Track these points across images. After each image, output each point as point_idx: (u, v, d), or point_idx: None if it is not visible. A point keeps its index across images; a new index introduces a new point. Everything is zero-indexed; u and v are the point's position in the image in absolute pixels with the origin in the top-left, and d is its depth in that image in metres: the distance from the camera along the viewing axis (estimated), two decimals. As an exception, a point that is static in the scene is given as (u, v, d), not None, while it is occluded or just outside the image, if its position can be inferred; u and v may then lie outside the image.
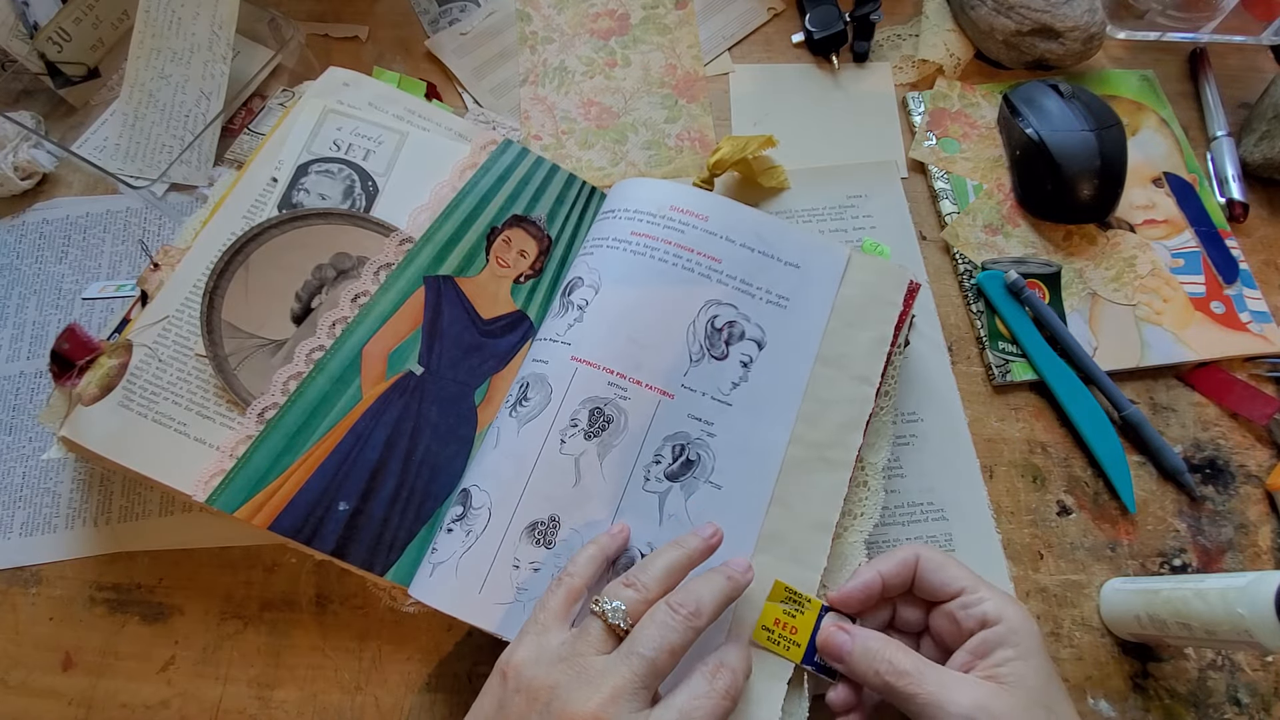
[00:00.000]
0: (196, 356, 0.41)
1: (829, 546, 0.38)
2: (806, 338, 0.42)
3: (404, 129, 0.49)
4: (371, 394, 0.42)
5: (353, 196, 0.46)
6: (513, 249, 0.46)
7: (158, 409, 0.40)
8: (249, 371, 0.41)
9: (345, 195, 0.46)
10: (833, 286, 0.43)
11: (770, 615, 0.36)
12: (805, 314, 0.43)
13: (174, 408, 0.40)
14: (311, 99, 0.49)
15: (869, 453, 0.42)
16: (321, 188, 0.46)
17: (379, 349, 0.43)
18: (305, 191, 0.46)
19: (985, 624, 0.33)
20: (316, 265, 0.44)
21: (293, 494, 0.39)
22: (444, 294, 0.44)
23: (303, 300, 0.43)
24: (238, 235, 0.43)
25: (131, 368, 0.41)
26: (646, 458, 0.39)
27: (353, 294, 0.43)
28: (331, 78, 0.50)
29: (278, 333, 0.42)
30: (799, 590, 0.36)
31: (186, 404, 0.40)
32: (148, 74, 0.51)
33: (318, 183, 0.46)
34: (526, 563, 0.37)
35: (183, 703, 0.40)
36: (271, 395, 0.41)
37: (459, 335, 0.44)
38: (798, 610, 0.36)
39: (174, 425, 0.40)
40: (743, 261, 0.43)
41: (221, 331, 0.42)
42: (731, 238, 0.43)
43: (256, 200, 0.45)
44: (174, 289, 0.43)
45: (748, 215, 0.44)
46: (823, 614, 0.36)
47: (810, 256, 0.44)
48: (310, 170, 0.46)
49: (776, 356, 0.42)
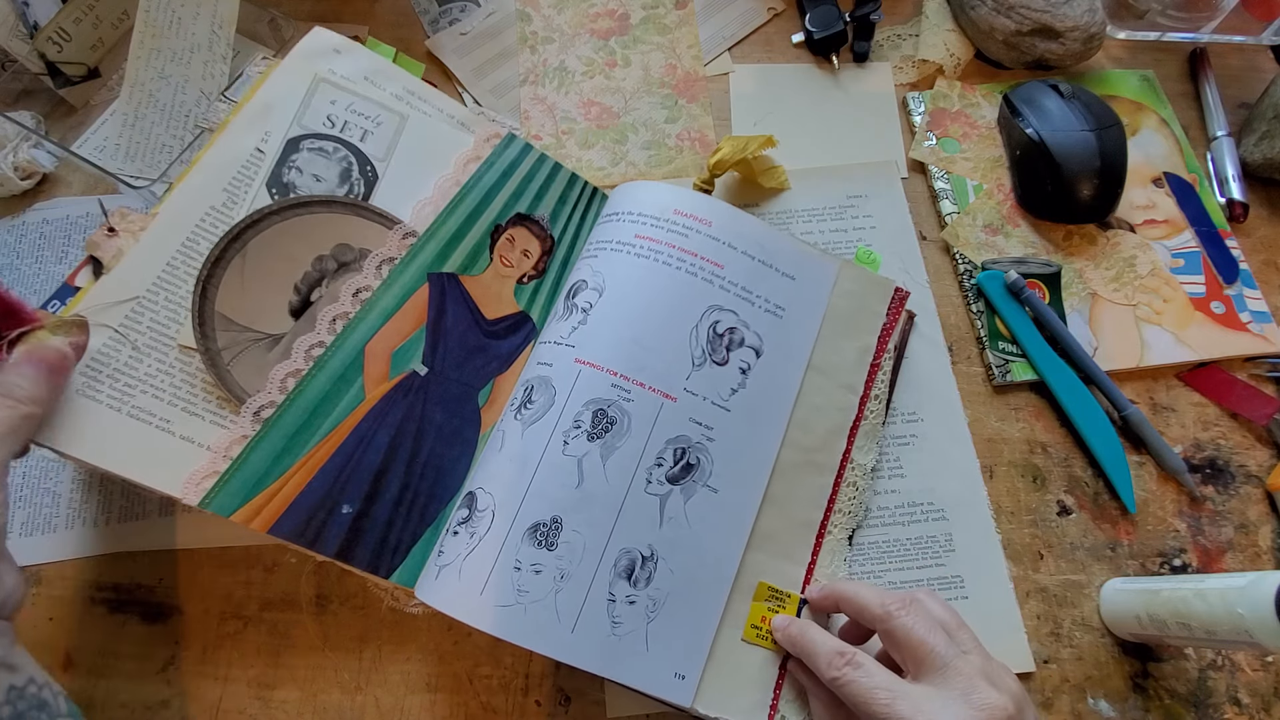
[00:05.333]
0: (181, 348, 0.38)
1: (813, 542, 0.41)
2: (799, 348, 0.44)
3: (404, 110, 0.46)
4: (375, 394, 0.41)
5: (350, 181, 0.43)
6: (516, 248, 0.46)
7: (134, 403, 0.37)
8: (243, 367, 0.39)
9: (342, 179, 0.43)
10: (823, 299, 0.45)
11: (757, 614, 0.39)
12: (799, 325, 0.44)
13: (154, 402, 0.37)
14: (299, 60, 0.45)
15: (857, 454, 0.44)
16: (315, 168, 0.43)
17: (382, 347, 0.41)
18: (298, 170, 0.42)
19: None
20: (317, 256, 0.41)
21: (294, 496, 0.38)
22: (448, 292, 0.44)
23: (302, 293, 0.41)
24: (233, 221, 0.40)
25: (93, 351, 0.37)
26: (649, 460, 0.39)
27: (354, 288, 0.42)
28: (319, 39, 0.46)
29: (274, 326, 0.40)
30: (780, 588, 0.40)
31: (170, 399, 0.38)
32: (148, 74, 0.51)
33: (311, 161, 0.43)
34: (528, 565, 0.37)
35: (183, 703, 0.40)
36: (269, 393, 0.39)
37: (463, 335, 0.43)
38: (780, 606, 0.40)
39: (154, 421, 0.37)
40: (744, 269, 0.43)
41: (215, 324, 0.39)
42: (734, 244, 0.44)
43: (240, 173, 0.42)
44: (141, 265, 0.39)
45: (749, 223, 0.45)
46: (801, 605, 0.40)
47: (804, 269, 0.45)
48: (302, 147, 0.43)
49: (772, 366, 0.42)
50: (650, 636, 0.37)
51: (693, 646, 0.37)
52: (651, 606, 0.37)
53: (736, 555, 0.39)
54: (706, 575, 0.39)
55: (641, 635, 0.37)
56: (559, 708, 0.40)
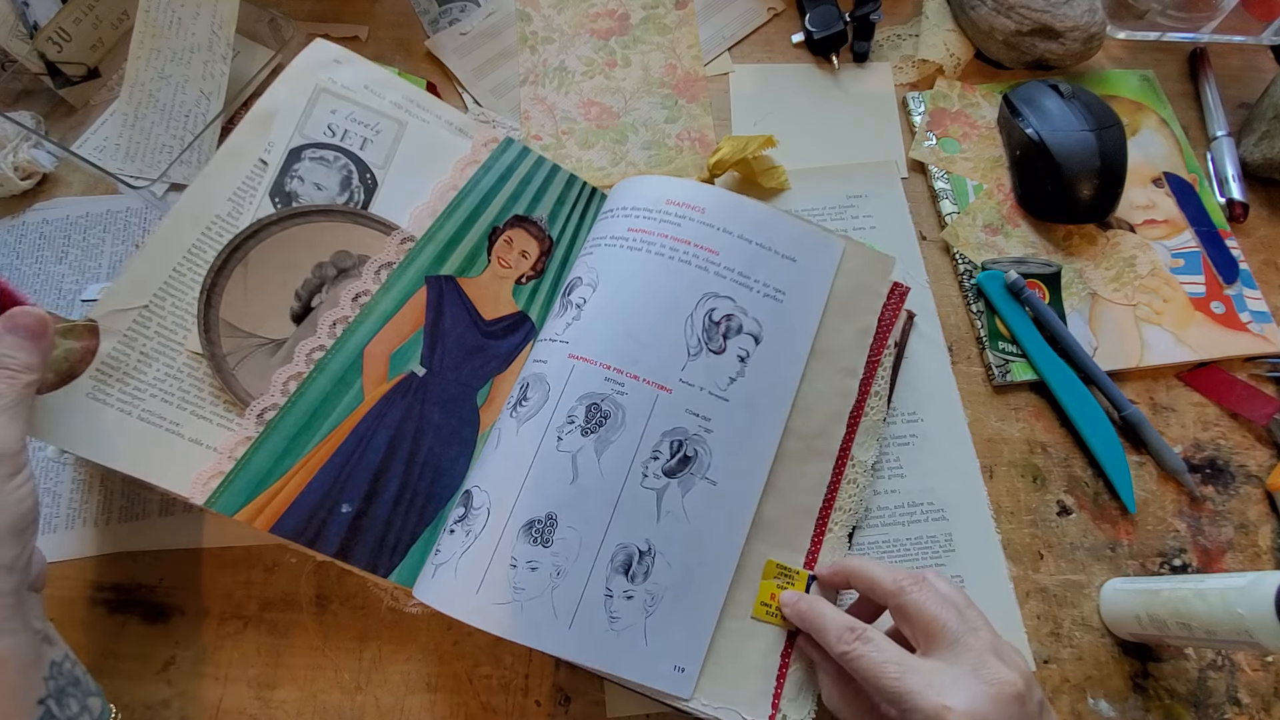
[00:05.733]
0: (189, 354, 0.40)
1: (813, 531, 0.41)
2: (801, 334, 0.43)
3: (403, 118, 0.47)
4: (373, 395, 0.41)
5: (350, 189, 0.44)
6: (514, 249, 0.46)
7: (144, 406, 0.39)
8: (247, 371, 0.40)
9: (343, 187, 0.44)
10: (827, 281, 0.44)
11: (766, 591, 0.39)
12: (800, 309, 0.43)
13: (164, 406, 0.39)
14: (299, 73, 0.46)
15: (858, 450, 0.43)
16: (317, 176, 0.44)
17: (381, 349, 0.42)
18: (299, 179, 0.43)
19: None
20: (317, 263, 0.43)
21: (295, 496, 0.38)
22: (446, 294, 0.44)
23: (303, 299, 0.42)
24: (237, 230, 0.42)
25: (103, 356, 0.38)
26: (644, 454, 0.39)
27: (354, 293, 0.43)
28: (320, 52, 0.47)
29: (277, 332, 0.41)
30: (789, 565, 0.40)
31: (179, 403, 0.39)
32: (148, 74, 0.51)
33: (312, 170, 0.44)
34: (524, 562, 0.37)
35: (183, 703, 0.40)
36: (271, 396, 0.40)
37: (461, 336, 0.44)
38: (789, 583, 0.40)
39: (165, 425, 0.39)
40: (740, 254, 0.43)
41: (220, 330, 0.41)
42: (729, 229, 0.43)
43: (244, 184, 0.43)
44: (145, 272, 0.40)
45: (746, 206, 0.44)
46: (810, 582, 0.40)
47: (806, 250, 0.44)
48: (304, 156, 0.44)
49: (772, 352, 0.42)
50: (649, 631, 0.37)
51: (692, 639, 0.37)
52: (650, 601, 0.37)
53: (737, 547, 0.39)
54: (706, 568, 0.38)
55: (640, 630, 0.37)
56: (559, 708, 0.40)
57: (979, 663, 0.32)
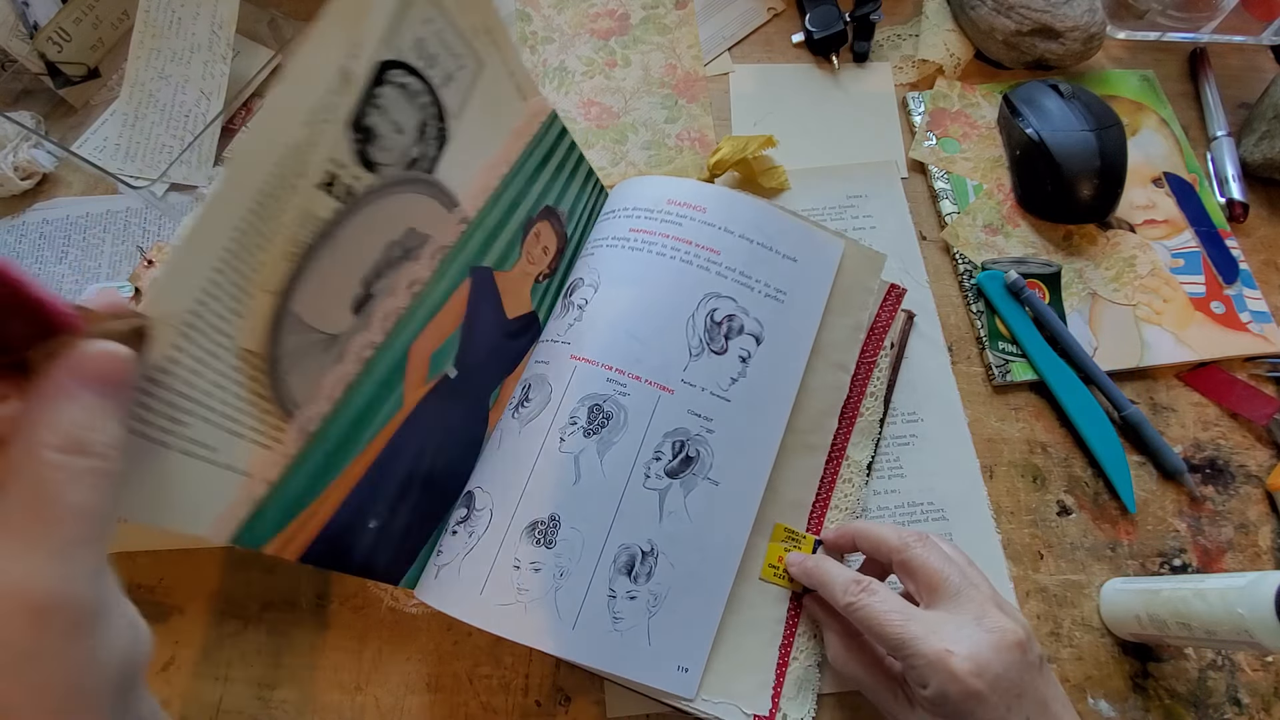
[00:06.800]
0: (242, 352, 0.27)
1: (805, 525, 0.42)
2: (802, 334, 0.43)
3: (485, 57, 0.36)
4: (411, 400, 0.36)
5: (424, 140, 0.34)
6: (540, 243, 0.43)
7: (189, 433, 0.25)
8: (300, 375, 0.31)
9: (418, 135, 0.33)
10: (827, 281, 0.44)
11: (774, 554, 0.40)
12: (801, 309, 0.43)
13: (207, 429, 0.26)
14: None
15: (853, 450, 0.44)
16: (399, 112, 0.32)
17: (425, 347, 0.37)
18: (381, 112, 0.31)
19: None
20: (389, 242, 0.33)
21: (328, 518, 0.33)
22: (483, 289, 0.40)
23: (367, 285, 0.33)
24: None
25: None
26: (646, 454, 0.39)
27: (409, 280, 0.35)
28: None
29: (336, 325, 0.32)
30: (795, 529, 0.41)
31: (218, 419, 0.27)
32: (148, 74, 0.51)
33: (395, 102, 0.31)
34: (527, 563, 0.37)
35: (183, 703, 0.40)
36: (318, 404, 0.32)
37: (488, 335, 0.40)
38: (795, 545, 0.41)
39: (204, 453, 0.26)
40: (741, 253, 0.43)
41: (286, 326, 0.29)
42: (730, 228, 0.43)
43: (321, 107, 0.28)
44: (185, 271, 0.24)
45: (748, 206, 0.44)
46: (817, 545, 0.41)
47: (807, 250, 0.44)
48: (388, 79, 0.31)
49: (773, 353, 0.42)
50: (652, 631, 0.37)
51: (696, 639, 0.38)
52: (653, 601, 0.37)
53: (739, 547, 0.39)
54: (709, 568, 0.39)
55: (643, 630, 0.37)
56: (559, 708, 0.40)
57: (980, 612, 0.33)
